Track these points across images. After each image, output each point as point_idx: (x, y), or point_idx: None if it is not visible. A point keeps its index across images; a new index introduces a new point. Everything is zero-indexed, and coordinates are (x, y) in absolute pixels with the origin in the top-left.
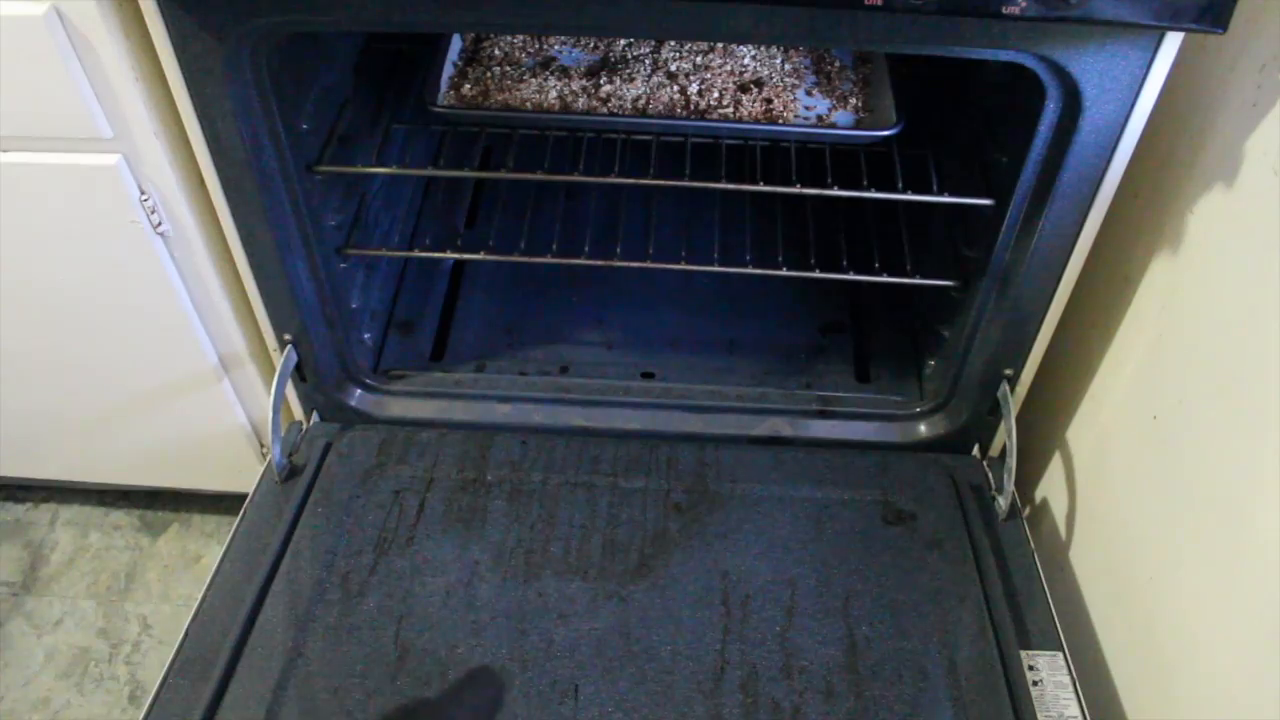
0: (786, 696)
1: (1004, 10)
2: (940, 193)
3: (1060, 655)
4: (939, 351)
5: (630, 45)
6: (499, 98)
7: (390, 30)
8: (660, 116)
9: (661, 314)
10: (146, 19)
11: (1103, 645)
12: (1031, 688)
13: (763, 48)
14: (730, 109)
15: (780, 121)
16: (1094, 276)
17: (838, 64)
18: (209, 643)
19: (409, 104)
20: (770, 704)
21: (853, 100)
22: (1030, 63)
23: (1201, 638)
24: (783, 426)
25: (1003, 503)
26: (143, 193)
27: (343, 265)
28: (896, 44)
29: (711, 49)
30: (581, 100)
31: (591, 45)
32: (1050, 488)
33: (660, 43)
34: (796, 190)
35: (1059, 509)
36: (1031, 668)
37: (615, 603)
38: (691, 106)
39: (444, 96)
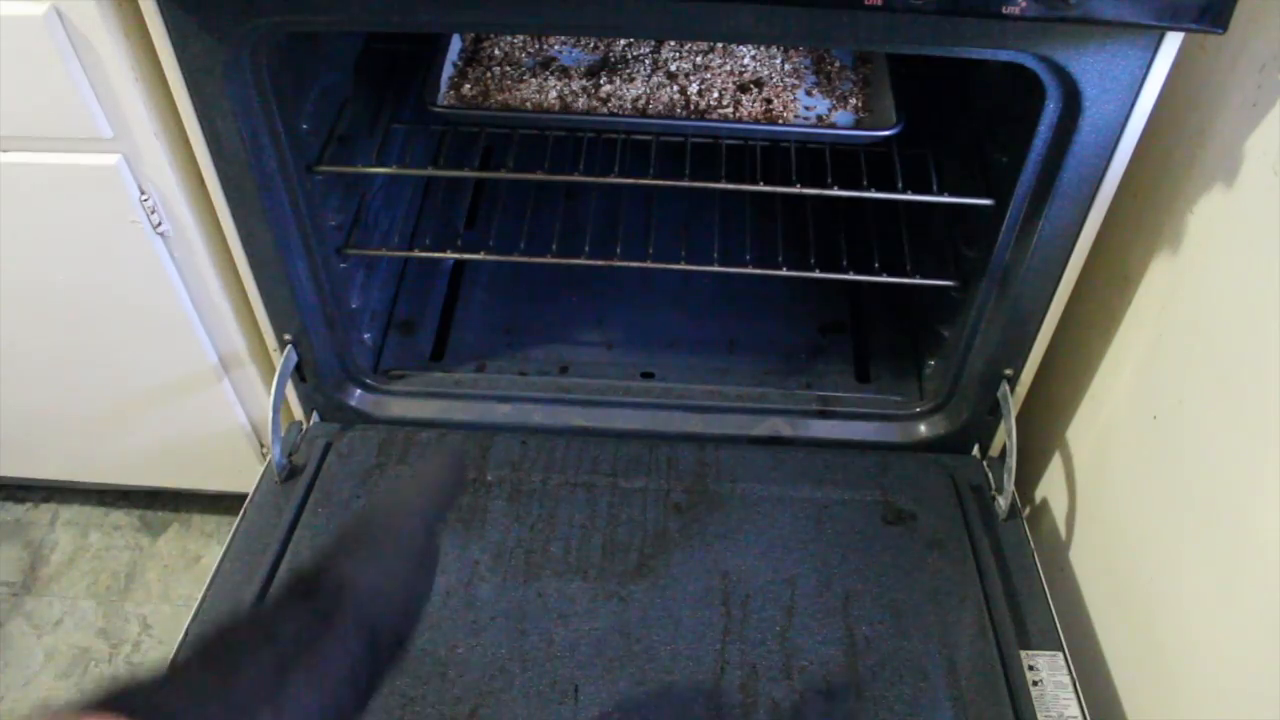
0: (786, 696)
1: (1004, 10)
2: (940, 193)
3: (1060, 655)
4: (939, 351)
5: (630, 45)
6: (499, 98)
7: (390, 30)
8: (660, 116)
9: (661, 314)
10: (146, 19)
11: (1103, 645)
12: (1031, 688)
13: (763, 48)
14: (730, 109)
15: (780, 121)
16: (1094, 276)
17: (838, 64)
18: None
19: (409, 104)
20: (770, 704)
21: (853, 100)
22: (1030, 63)
23: (1201, 638)
24: (783, 426)
25: (1003, 503)
26: (143, 193)
27: (343, 265)
28: (896, 44)
29: (711, 49)
30: (581, 100)
31: (591, 45)
32: (1050, 488)
33: (660, 43)
34: (796, 190)
35: (1059, 509)
36: (1031, 668)
37: (615, 603)
38: (691, 106)
39: (444, 96)
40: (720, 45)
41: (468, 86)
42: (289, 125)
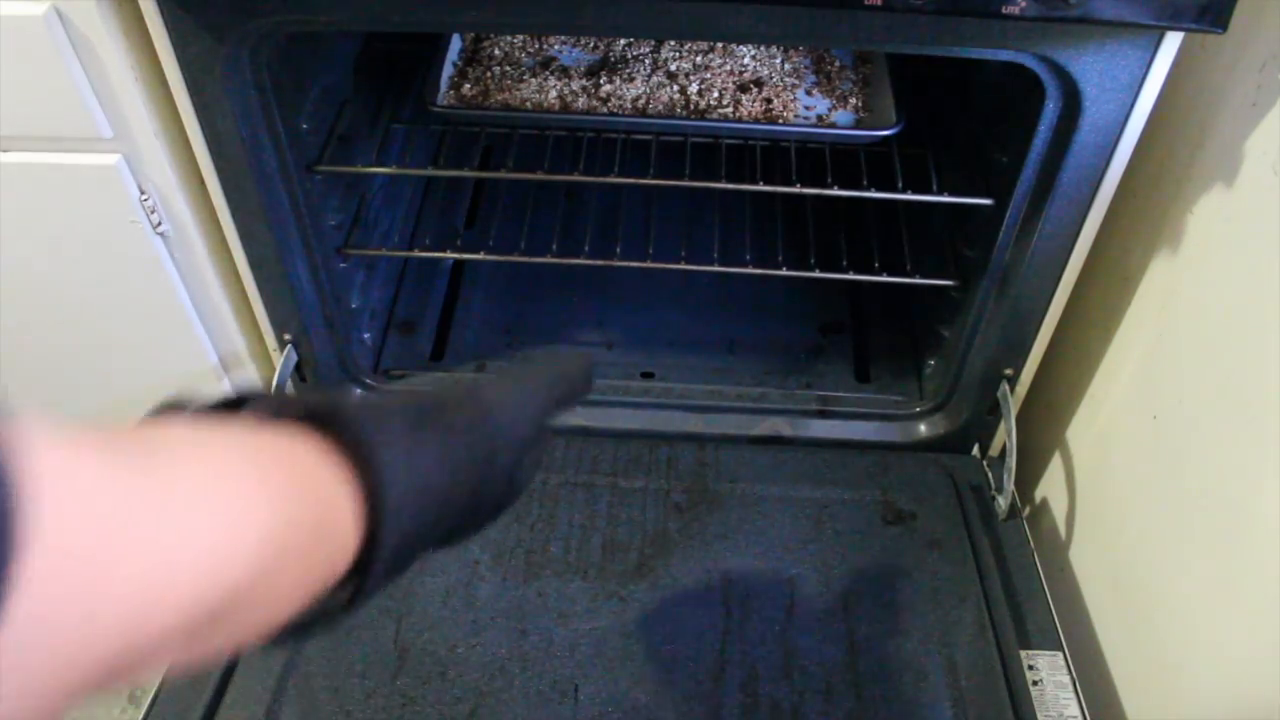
0: (786, 696)
1: (1004, 10)
2: (940, 192)
3: (1060, 655)
4: (939, 351)
5: (630, 45)
6: (499, 98)
7: (390, 30)
8: (660, 116)
9: (661, 314)
10: (146, 19)
11: (1103, 645)
12: (1031, 688)
13: (763, 48)
14: (730, 109)
15: (780, 121)
16: (1094, 276)
17: (838, 64)
18: None
19: (409, 104)
20: (770, 704)
21: (853, 100)
22: (1030, 63)
23: (1202, 637)
24: (783, 426)
25: (1003, 503)
26: (143, 193)
27: (343, 265)
28: (896, 44)
29: (711, 49)
30: (581, 100)
31: (591, 45)
32: (1050, 488)
33: (660, 43)
34: (796, 190)
35: (1059, 509)
36: (1031, 667)
37: (615, 603)
38: (691, 106)
39: (444, 96)
40: (720, 45)
41: (468, 86)
42: (289, 125)
